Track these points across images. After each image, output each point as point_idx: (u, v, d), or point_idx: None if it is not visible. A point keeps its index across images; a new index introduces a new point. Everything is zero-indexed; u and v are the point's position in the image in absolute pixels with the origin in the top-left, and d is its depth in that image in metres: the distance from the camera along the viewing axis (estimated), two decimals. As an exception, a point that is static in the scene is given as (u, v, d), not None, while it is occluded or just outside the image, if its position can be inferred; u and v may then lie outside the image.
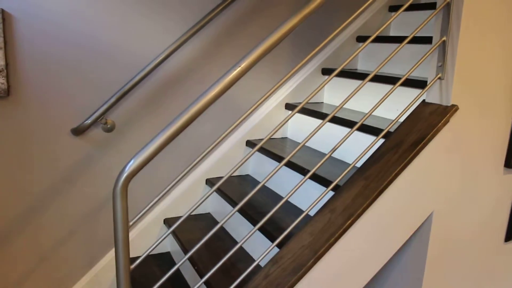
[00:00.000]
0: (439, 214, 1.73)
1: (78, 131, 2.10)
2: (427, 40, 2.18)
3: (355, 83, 2.40)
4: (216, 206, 2.41)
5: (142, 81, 2.17)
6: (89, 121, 2.08)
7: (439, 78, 1.68)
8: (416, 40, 2.24)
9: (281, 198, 2.20)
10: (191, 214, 2.42)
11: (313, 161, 2.11)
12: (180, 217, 2.38)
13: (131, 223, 1.25)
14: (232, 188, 2.31)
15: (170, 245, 2.42)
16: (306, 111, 2.40)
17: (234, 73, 1.30)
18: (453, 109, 1.64)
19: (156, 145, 1.25)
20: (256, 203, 2.11)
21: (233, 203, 2.16)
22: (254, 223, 1.97)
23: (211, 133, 2.37)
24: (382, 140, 1.92)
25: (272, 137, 2.51)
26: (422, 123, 1.67)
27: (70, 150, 2.11)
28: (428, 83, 1.72)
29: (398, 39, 2.37)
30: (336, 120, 2.15)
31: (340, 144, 1.55)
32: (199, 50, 2.26)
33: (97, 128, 2.14)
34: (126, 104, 2.17)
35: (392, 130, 1.89)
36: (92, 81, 2.09)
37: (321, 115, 2.30)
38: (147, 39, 2.15)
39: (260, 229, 1.92)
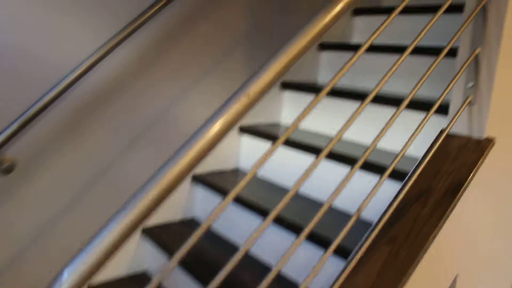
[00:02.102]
0: (464, 278, 1.35)
1: (-42, 175, 1.45)
2: (431, 51, 1.80)
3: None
4: (154, 261, 1.85)
5: (56, 102, 1.56)
6: (-26, 160, 1.44)
7: (470, 103, 1.29)
8: (418, 50, 1.85)
9: (252, 259, 1.70)
10: (123, 275, 1.84)
11: (291, 206, 1.64)
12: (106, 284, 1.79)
13: None
14: (173, 237, 1.77)
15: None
16: (262, 134, 1.93)
17: (238, 106, 0.79)
18: (490, 143, 1.26)
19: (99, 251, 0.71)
20: (216, 263, 1.60)
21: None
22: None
23: (147, 163, 1.81)
24: (389, 182, 1.50)
25: (221, 169, 2.01)
26: (452, 163, 1.27)
27: None
28: (450, 108, 1.33)
29: (379, 48, 1.97)
30: (317, 152, 1.70)
31: (339, 191, 1.09)
32: (135, 57, 1.70)
33: (-13, 169, 1.50)
34: (33, 134, 1.55)
35: (396, 166, 1.48)
36: (-22, 102, 1.45)
37: (285, 141, 1.84)
38: (64, 42, 1.54)
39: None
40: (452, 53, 1.70)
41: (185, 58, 1.81)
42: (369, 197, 1.09)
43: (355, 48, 2.07)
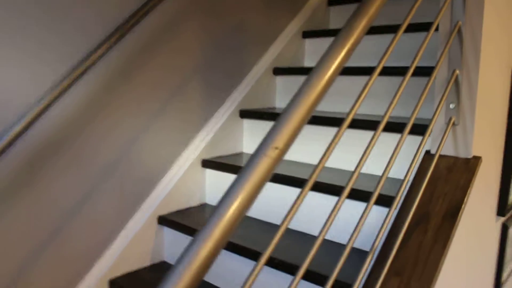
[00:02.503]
0: None
1: None
2: (399, 70, 1.81)
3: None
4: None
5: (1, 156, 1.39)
6: None
7: (453, 124, 1.29)
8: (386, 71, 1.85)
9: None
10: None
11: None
12: None
13: None
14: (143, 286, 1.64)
15: None
16: (226, 167, 1.85)
17: (268, 160, 0.71)
18: (478, 162, 1.27)
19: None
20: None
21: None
22: None
23: (110, 213, 1.66)
24: (375, 209, 1.47)
25: (188, 206, 1.89)
26: (444, 185, 1.26)
27: None
28: (433, 129, 1.32)
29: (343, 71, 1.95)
30: (292, 182, 1.64)
31: (329, 224, 1.05)
32: (86, 101, 1.56)
33: None
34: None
35: (382, 191, 1.45)
36: None
37: None
38: (4, 90, 1.38)
39: None
40: (423, 72, 1.72)
41: (140, 94, 1.70)
42: (357, 228, 1.05)
43: (308, 71, 2.05)
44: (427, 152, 1.36)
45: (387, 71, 1.81)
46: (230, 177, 1.85)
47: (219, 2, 1.91)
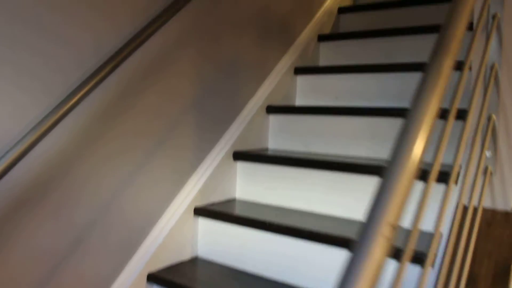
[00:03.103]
0: None
1: None
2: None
3: (273, 169, 1.79)
4: None
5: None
6: None
7: (491, 173, 1.20)
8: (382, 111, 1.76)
9: None
10: None
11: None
12: None
13: None
14: None
15: None
16: (220, 215, 1.69)
17: (382, 242, 0.56)
18: (519, 215, 1.18)
19: None
20: None
21: None
22: None
23: (88, 270, 1.45)
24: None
25: (179, 260, 1.70)
26: (486, 242, 1.16)
27: None
28: (466, 178, 1.22)
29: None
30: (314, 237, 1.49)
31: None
32: (77, 133, 1.36)
33: None
34: None
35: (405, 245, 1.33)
36: None
37: (243, 221, 1.62)
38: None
39: None
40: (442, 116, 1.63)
41: (126, 139, 1.51)
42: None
43: (303, 111, 1.94)
44: (463, 205, 1.26)
45: (391, 113, 1.73)
46: (224, 227, 1.68)
47: (213, 39, 1.77)
